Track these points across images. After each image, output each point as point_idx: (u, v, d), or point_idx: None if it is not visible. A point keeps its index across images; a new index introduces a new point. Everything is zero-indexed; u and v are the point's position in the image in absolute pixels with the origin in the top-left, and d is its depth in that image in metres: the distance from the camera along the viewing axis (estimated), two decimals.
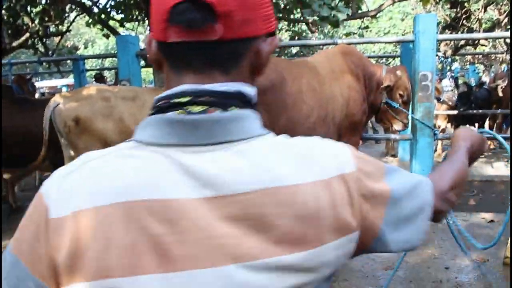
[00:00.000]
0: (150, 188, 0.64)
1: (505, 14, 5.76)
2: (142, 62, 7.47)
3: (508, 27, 6.41)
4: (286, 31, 15.77)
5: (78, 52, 9.58)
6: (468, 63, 17.11)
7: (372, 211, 0.75)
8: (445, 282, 3.39)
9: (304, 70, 3.62)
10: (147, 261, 0.62)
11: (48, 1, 7.16)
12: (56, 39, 10.78)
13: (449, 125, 9.69)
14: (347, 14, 6.13)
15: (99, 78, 9.84)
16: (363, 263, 3.75)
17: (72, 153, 4.34)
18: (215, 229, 0.63)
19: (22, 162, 5.08)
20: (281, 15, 7.16)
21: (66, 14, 8.13)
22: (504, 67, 11.47)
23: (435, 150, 8.04)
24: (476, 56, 14.64)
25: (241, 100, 0.71)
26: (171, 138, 0.68)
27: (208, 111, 0.67)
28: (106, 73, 17.89)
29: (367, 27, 9.24)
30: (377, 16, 7.51)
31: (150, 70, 7.93)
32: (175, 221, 0.63)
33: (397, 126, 4.40)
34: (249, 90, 0.73)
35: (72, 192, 0.66)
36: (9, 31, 7.43)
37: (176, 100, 0.69)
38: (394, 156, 9.00)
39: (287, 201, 0.66)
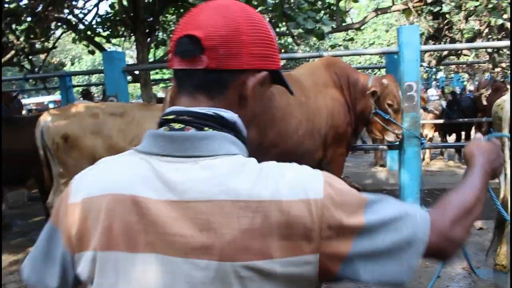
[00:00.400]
0: (131, 186, 0.81)
1: (485, 24, 5.89)
2: (129, 78, 7.47)
3: (489, 36, 6.56)
4: None
5: (65, 68, 9.56)
6: (452, 72, 17.38)
7: (337, 239, 0.77)
8: None
9: (290, 83, 3.64)
10: (119, 240, 0.79)
11: (33, 19, 7.14)
12: (42, 56, 10.76)
13: (436, 134, 9.80)
14: (332, 27, 6.22)
15: (86, 94, 9.79)
16: None
17: (61, 170, 4.32)
18: (170, 227, 0.77)
19: (14, 180, 5.04)
20: None
21: (52, 31, 8.10)
22: (488, 75, 11.67)
23: (423, 159, 8.12)
24: (460, 65, 14.88)
25: (219, 123, 0.83)
26: (154, 148, 0.84)
27: (185, 128, 0.82)
28: (93, 89, 17.81)
29: (352, 39, 9.37)
30: (362, 28, 7.62)
31: (138, 85, 7.94)
32: (143, 215, 0.78)
33: (389, 137, 4.41)
34: (229, 115, 0.85)
35: (84, 184, 0.87)
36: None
37: (165, 118, 0.86)
38: (383, 166, 9.06)
39: (233, 214, 0.75)
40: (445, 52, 6.55)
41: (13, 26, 7.28)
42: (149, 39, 6.89)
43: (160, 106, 4.68)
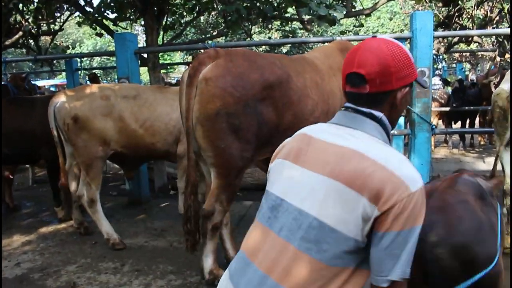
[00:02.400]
0: (316, 131, 1.45)
1: (496, 11, 5.87)
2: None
3: (499, 26, 6.55)
4: (277, 30, 15.83)
5: (67, 52, 9.51)
6: (455, 61, 17.33)
7: (387, 220, 1.21)
8: None
9: (306, 66, 3.65)
10: (292, 156, 1.44)
11: (41, 0, 7.09)
12: (46, 38, 10.68)
13: (440, 121, 9.82)
14: (343, 13, 6.19)
15: (93, 78, 9.75)
16: None
17: (71, 150, 4.35)
18: (327, 157, 1.34)
19: (26, 159, 5.08)
20: (276, 13, 7.18)
21: (60, 14, 8.05)
22: (491, 65, 11.65)
23: None
24: (463, 54, 14.83)
25: (371, 117, 1.39)
26: (334, 119, 1.47)
27: (351, 111, 1.42)
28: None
29: (361, 25, 9.30)
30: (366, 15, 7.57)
31: (143, 69, 7.92)
32: (309, 145, 1.42)
33: None
34: (377, 113, 1.39)
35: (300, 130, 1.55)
36: (1, 30, 7.35)
37: (344, 107, 1.46)
38: None
39: (358, 162, 1.28)
40: (455, 40, 6.55)
41: (21, 6, 7.24)
42: (157, 22, 6.85)
43: (175, 89, 4.67)
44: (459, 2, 5.73)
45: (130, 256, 3.98)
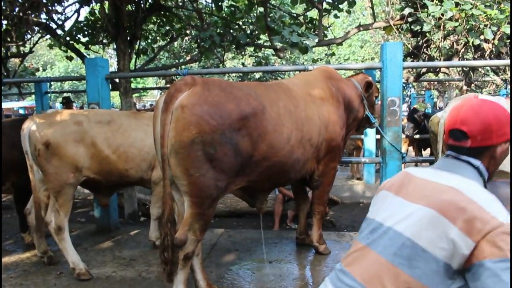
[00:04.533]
0: (417, 172, 1.67)
1: (461, 44, 6.10)
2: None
3: (465, 56, 6.79)
4: (250, 56, 15.98)
5: (37, 74, 9.33)
6: (424, 89, 17.85)
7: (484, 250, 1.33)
8: None
9: (280, 93, 3.68)
10: (394, 188, 1.68)
11: (10, 22, 6.97)
12: (15, 60, 10.48)
13: (410, 148, 10.01)
14: (315, 41, 6.31)
15: (67, 103, 9.56)
16: None
17: (41, 176, 4.22)
18: (426, 191, 1.53)
19: None
20: (249, 40, 7.26)
21: (30, 36, 7.92)
22: (456, 92, 12.04)
23: None
24: (432, 83, 15.30)
25: (471, 164, 1.57)
26: (435, 165, 1.68)
27: (451, 158, 1.62)
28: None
29: (333, 53, 9.51)
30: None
31: (114, 94, 7.85)
32: (410, 181, 1.64)
33: (374, 126, 4.81)
34: (475, 162, 1.57)
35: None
36: None
37: (446, 154, 1.67)
38: (359, 179, 9.18)
39: (453, 196, 1.45)
40: (424, 70, 6.75)
41: None
42: (130, 47, 6.82)
43: (150, 114, 4.61)
44: (427, 34, 5.92)
45: (96, 287, 3.84)
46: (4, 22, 7.14)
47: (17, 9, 6.48)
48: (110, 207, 5.55)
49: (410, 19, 6.19)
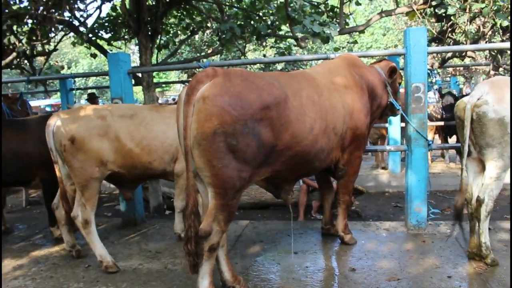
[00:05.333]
0: None
1: (489, 26, 5.91)
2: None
3: (492, 40, 6.59)
4: (271, 47, 15.89)
5: (62, 72, 9.49)
6: (449, 75, 17.45)
7: None
8: None
9: (303, 82, 3.65)
10: None
11: (36, 21, 7.10)
12: (40, 58, 10.66)
13: (436, 136, 9.82)
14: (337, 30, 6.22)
15: (92, 98, 9.71)
16: (365, 275, 3.74)
17: (67, 171, 4.29)
18: None
19: (19, 181, 5.01)
20: (269, 31, 7.21)
21: (54, 34, 8.05)
22: (483, 77, 11.72)
23: None
24: (458, 68, 14.94)
25: None
26: None
27: None
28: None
29: (355, 41, 9.35)
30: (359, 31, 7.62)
31: (137, 89, 7.91)
32: None
33: (397, 113, 4.78)
34: None
35: None
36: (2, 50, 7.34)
37: None
38: (384, 168, 9.06)
39: None
40: (449, 54, 6.58)
41: (15, 28, 7.24)
42: (151, 41, 6.86)
43: (172, 107, 4.64)
44: (452, 17, 5.76)
45: (124, 280, 3.89)
46: (29, 21, 7.28)
47: (41, 8, 6.59)
48: (135, 200, 5.61)
49: (434, 3, 6.01)
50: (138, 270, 4.10)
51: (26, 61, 8.15)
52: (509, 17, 5.19)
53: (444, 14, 6.02)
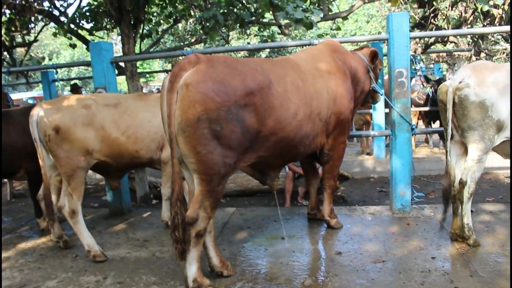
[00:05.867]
0: None
1: (470, 11, 5.97)
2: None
3: (474, 26, 6.65)
4: (255, 35, 15.87)
5: (44, 63, 9.36)
6: (433, 62, 17.58)
7: None
8: (433, 271, 3.46)
9: (287, 68, 3.66)
10: None
11: (14, 10, 6.97)
12: (21, 50, 10.49)
13: (420, 122, 9.93)
14: (319, 16, 6.22)
15: (75, 89, 9.58)
16: (352, 258, 3.79)
17: (53, 161, 4.26)
18: None
19: (4, 173, 4.95)
20: (253, 18, 7.18)
21: (33, 24, 7.91)
22: (466, 64, 11.81)
23: None
24: (440, 55, 15.05)
25: None
26: None
27: None
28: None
29: (339, 28, 9.37)
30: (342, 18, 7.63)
31: (121, 78, 7.85)
32: None
33: (378, 98, 4.95)
34: None
35: None
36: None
37: None
38: (369, 154, 9.15)
39: None
40: (432, 40, 6.64)
41: None
42: (134, 31, 6.79)
43: (156, 95, 4.63)
44: (434, 3, 5.80)
45: (112, 269, 3.89)
46: (7, 11, 7.15)
47: None
48: (121, 190, 5.60)
49: None
50: (126, 259, 4.11)
51: (5, 53, 8.01)
52: (489, 2, 5.25)
53: (426, 0, 6.06)
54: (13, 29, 7.49)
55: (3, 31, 7.31)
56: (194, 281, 3.22)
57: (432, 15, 6.31)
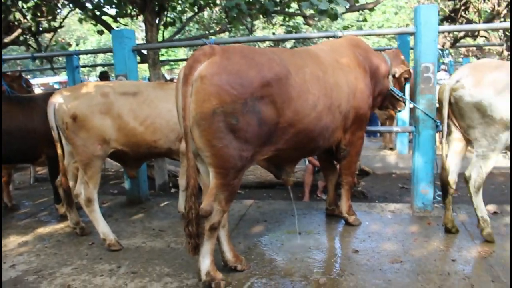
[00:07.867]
0: None
1: (504, 5, 5.72)
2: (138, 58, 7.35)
3: (507, 19, 6.38)
4: (280, 25, 15.68)
5: (70, 49, 9.43)
6: (462, 56, 17.13)
7: None
8: (452, 274, 3.35)
9: (307, 59, 3.57)
10: None
11: None
12: (48, 35, 10.60)
13: None
14: (345, 7, 6.07)
15: (104, 77, 9.66)
16: (369, 257, 3.71)
17: (70, 149, 4.28)
18: None
19: (25, 158, 5.01)
20: (278, 8, 7.06)
21: (59, 10, 7.96)
22: (497, 58, 11.45)
23: None
24: (470, 49, 14.65)
25: None
26: None
27: None
28: (99, 69, 17.69)
29: (365, 19, 9.17)
30: (370, 10, 7.44)
31: (143, 66, 7.84)
32: None
33: (401, 107, 4.77)
34: None
35: None
36: (1, 28, 7.28)
37: None
38: (392, 149, 8.98)
39: None
40: (461, 34, 6.41)
41: (20, 3, 7.17)
42: (157, 18, 6.75)
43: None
44: None
45: (126, 258, 3.90)
46: None
47: None
48: (140, 178, 5.61)
49: None
50: (141, 248, 4.11)
51: (32, 38, 8.09)
52: None
53: None
54: (39, 14, 7.54)
55: (29, 16, 7.37)
56: (207, 274, 3.19)
57: (463, 7, 6.08)
